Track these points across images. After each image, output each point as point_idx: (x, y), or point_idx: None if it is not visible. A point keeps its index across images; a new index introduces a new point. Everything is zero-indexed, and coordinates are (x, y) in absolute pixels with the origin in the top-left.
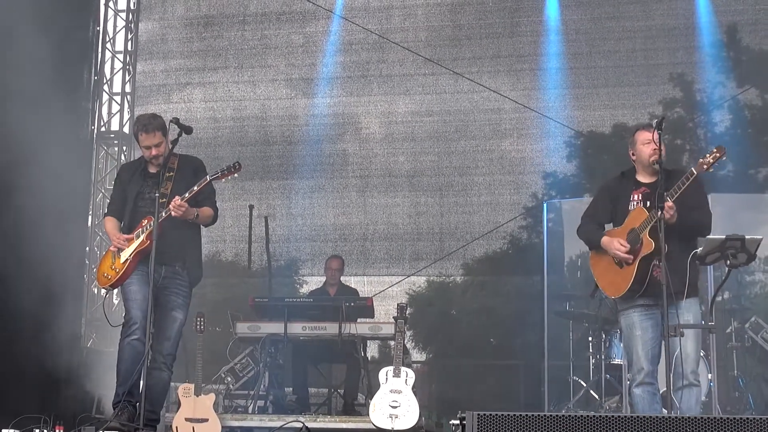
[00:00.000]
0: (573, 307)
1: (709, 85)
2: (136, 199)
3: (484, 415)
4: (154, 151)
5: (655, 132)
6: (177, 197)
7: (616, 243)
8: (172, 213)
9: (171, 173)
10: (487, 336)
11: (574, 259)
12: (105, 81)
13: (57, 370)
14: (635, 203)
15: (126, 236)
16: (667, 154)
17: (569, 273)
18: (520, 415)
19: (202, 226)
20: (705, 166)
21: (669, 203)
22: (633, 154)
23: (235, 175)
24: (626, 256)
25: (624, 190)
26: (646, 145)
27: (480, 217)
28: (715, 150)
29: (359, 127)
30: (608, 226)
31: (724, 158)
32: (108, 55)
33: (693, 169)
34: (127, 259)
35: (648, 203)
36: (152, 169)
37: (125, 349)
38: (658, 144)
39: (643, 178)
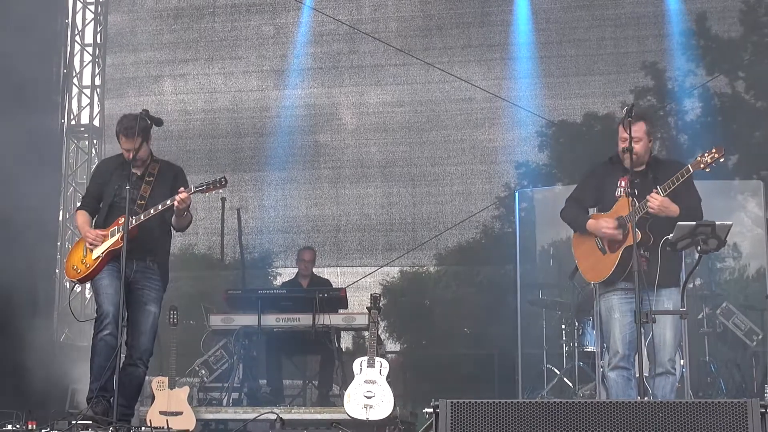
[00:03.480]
0: (546, 296)
1: (679, 73)
2: (114, 196)
3: (457, 402)
4: (132, 154)
5: (636, 125)
6: (183, 189)
7: (602, 222)
8: (176, 205)
9: (151, 178)
10: (461, 325)
11: (546, 248)
12: (74, 74)
13: (29, 364)
14: (622, 190)
15: (101, 232)
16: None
17: (541, 262)
18: (494, 402)
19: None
20: (702, 165)
21: (659, 198)
22: (617, 145)
23: (220, 190)
24: (614, 232)
25: (611, 175)
26: (621, 142)
27: (452, 206)
28: (714, 150)
29: (331, 118)
30: (591, 211)
31: (722, 160)
32: (77, 47)
33: (689, 166)
34: (99, 257)
35: (636, 191)
36: (136, 170)
37: (98, 345)
38: (629, 135)
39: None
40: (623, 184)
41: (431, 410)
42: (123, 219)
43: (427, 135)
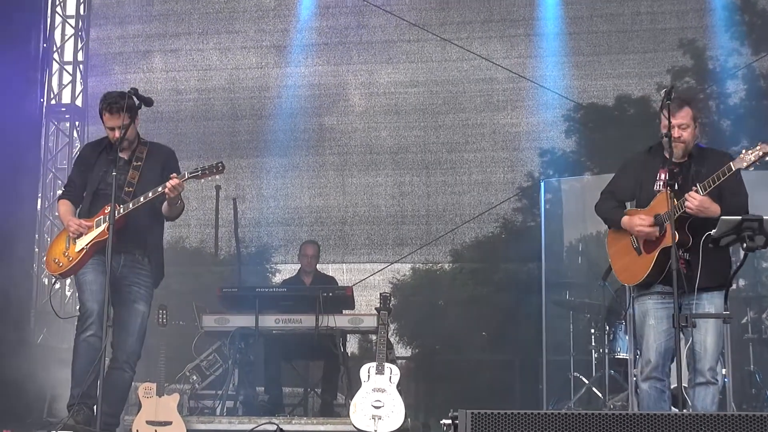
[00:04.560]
0: (573, 297)
1: (722, 51)
2: (99, 183)
3: (479, 413)
4: (117, 134)
5: (680, 111)
6: (175, 175)
7: (636, 219)
8: (167, 192)
9: (139, 162)
10: (479, 329)
11: (574, 244)
12: (55, 49)
13: (3, 368)
14: (661, 183)
15: (85, 221)
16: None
17: (569, 259)
18: (518, 413)
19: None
20: (745, 164)
21: (699, 197)
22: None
23: (217, 177)
24: (650, 229)
25: (650, 167)
26: (665, 129)
27: (470, 197)
28: (758, 147)
29: (337, 100)
30: (629, 206)
31: None
32: (58, 20)
33: (731, 164)
34: (83, 248)
35: (677, 185)
36: (123, 154)
37: (81, 346)
38: (668, 122)
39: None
40: (663, 177)
41: (449, 421)
42: (109, 208)
43: (443, 118)
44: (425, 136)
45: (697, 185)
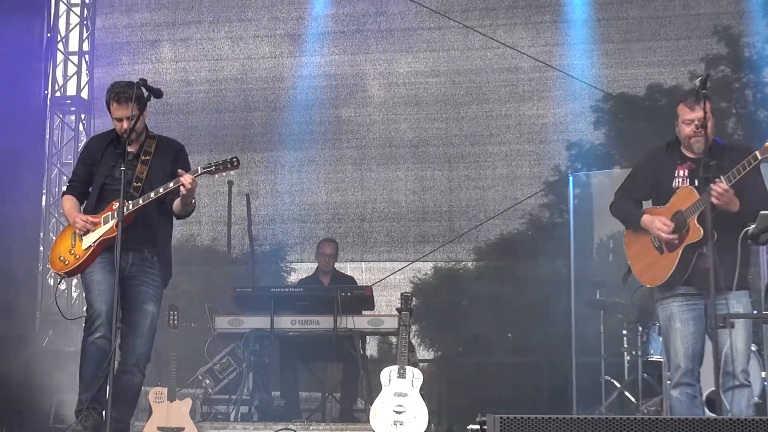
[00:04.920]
0: (604, 296)
1: (758, 38)
2: (106, 178)
3: (507, 418)
4: (125, 124)
5: (698, 105)
6: (188, 174)
7: (658, 222)
8: (182, 190)
9: (147, 156)
10: (504, 330)
11: (605, 241)
12: (59, 39)
13: (7, 372)
14: (681, 180)
15: (92, 218)
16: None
17: (599, 256)
18: (548, 418)
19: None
20: None
21: (724, 186)
22: (676, 126)
23: (232, 172)
24: (670, 237)
25: (668, 163)
26: (686, 125)
27: (495, 193)
28: None
29: (355, 90)
30: (646, 204)
31: None
32: (62, 8)
33: (757, 153)
34: (90, 246)
35: (696, 182)
36: (130, 148)
37: (89, 349)
38: (704, 112)
39: (689, 152)
40: (682, 173)
41: (477, 426)
42: (117, 204)
43: (466, 110)
44: (447, 129)
45: (721, 177)
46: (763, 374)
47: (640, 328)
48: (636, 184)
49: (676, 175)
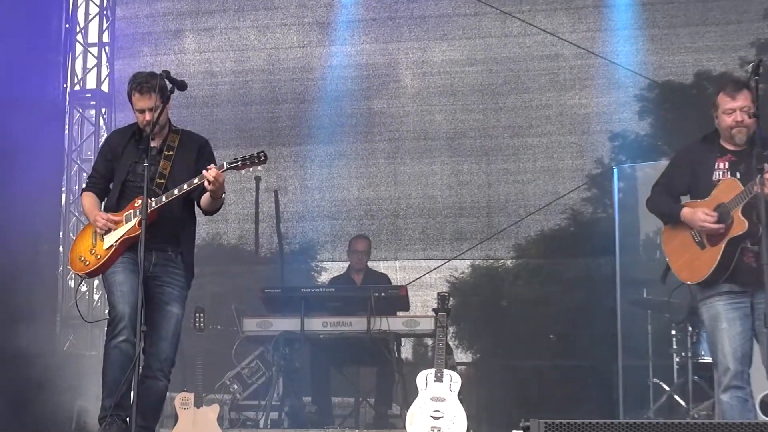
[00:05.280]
0: (652, 295)
1: None
2: (127, 174)
3: (553, 423)
4: (148, 116)
5: (740, 94)
6: (212, 166)
7: (700, 213)
8: (206, 185)
9: (171, 152)
10: (546, 331)
11: (652, 237)
12: (78, 30)
13: (28, 378)
14: (721, 173)
15: (113, 216)
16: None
17: (646, 253)
18: (594, 423)
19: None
20: None
21: None
22: (716, 118)
23: (259, 168)
24: (715, 226)
25: (706, 156)
26: (728, 115)
27: (535, 187)
28: None
29: (387, 81)
30: (684, 199)
31: None
32: None
33: None
34: (112, 246)
35: (738, 174)
36: (153, 143)
37: (112, 353)
38: (755, 101)
39: (729, 144)
40: (722, 165)
41: (521, 431)
42: (140, 201)
43: (504, 100)
44: (485, 120)
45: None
46: None
47: (690, 328)
48: (673, 178)
49: (715, 167)
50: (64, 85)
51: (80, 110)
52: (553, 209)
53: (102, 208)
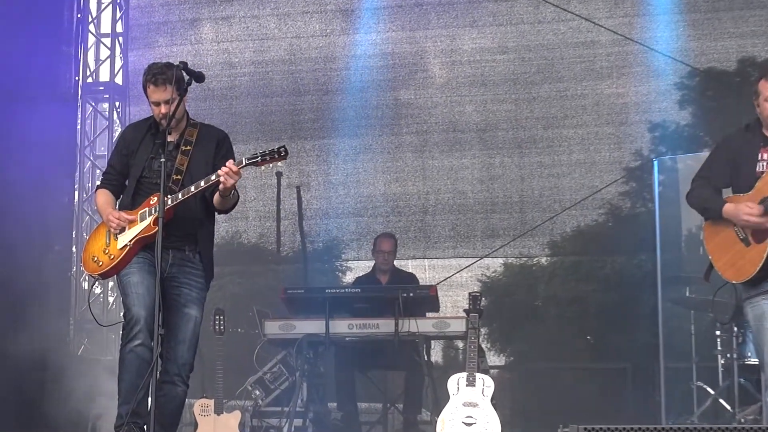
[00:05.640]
0: (695, 293)
1: None
2: (143, 170)
3: (591, 429)
4: (163, 109)
5: None
6: (231, 161)
7: (744, 207)
8: (222, 180)
9: (188, 147)
10: (583, 332)
11: (694, 232)
12: (90, 20)
13: (41, 385)
14: (765, 164)
15: (126, 214)
16: None
17: (688, 249)
18: (636, 428)
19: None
20: None
21: None
22: (757, 106)
23: (280, 163)
24: (760, 220)
25: (749, 147)
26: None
27: (570, 180)
28: None
29: (414, 70)
30: (726, 193)
31: None
32: None
33: None
34: (126, 245)
35: None
36: (170, 137)
37: (128, 358)
38: None
39: None
40: (766, 156)
41: None
42: (156, 198)
43: (538, 89)
44: (517, 111)
45: None
46: None
47: (735, 328)
48: (714, 170)
49: (759, 158)
50: (76, 78)
51: (93, 104)
52: (590, 204)
53: (117, 206)
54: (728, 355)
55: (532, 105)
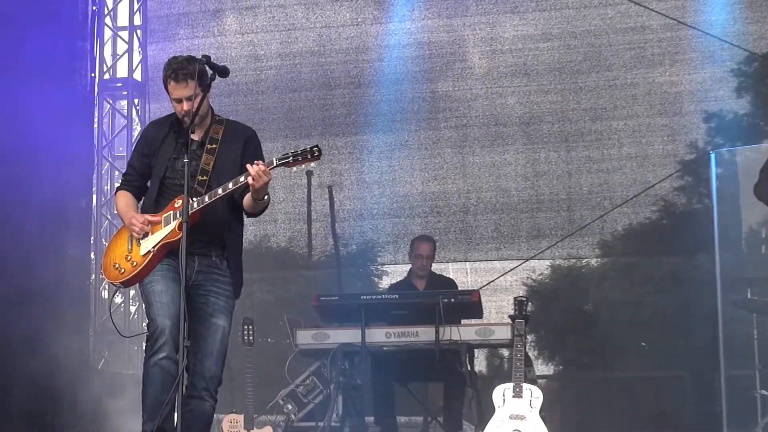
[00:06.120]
0: (757, 295)
1: None
2: (166, 170)
3: None
4: (186, 106)
5: None
6: (260, 162)
7: None
8: (251, 182)
9: (214, 145)
10: (637, 338)
11: (756, 229)
12: (106, 12)
13: (59, 401)
14: None
15: (150, 217)
16: None
17: (749, 248)
18: None
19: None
20: None
21: None
22: None
23: (312, 164)
24: None
25: None
26: None
27: (621, 176)
28: None
29: (452, 60)
30: None
31: None
32: None
33: None
34: (150, 251)
35: None
36: (194, 135)
37: (152, 372)
38: None
39: None
40: None
41: None
42: (181, 201)
43: (585, 79)
44: (563, 102)
45: None
46: None
47: None
48: None
49: None
50: (92, 74)
51: (110, 101)
52: (643, 201)
53: (139, 209)
54: None
55: (578, 96)
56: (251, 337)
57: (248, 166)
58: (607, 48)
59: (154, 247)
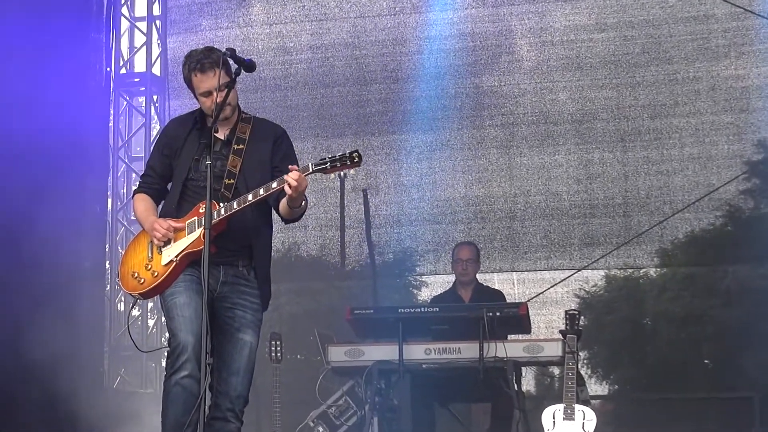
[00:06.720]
0: None
1: None
2: (189, 172)
3: None
4: (218, 97)
5: None
6: (294, 167)
7: None
8: (288, 190)
9: (241, 145)
10: (700, 355)
11: None
12: (123, 2)
13: (73, 421)
14: None
15: (174, 222)
16: None
17: None
18: None
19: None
20: None
21: None
22: None
23: (352, 171)
24: None
25: None
26: None
27: (683, 178)
28: None
29: (498, 53)
30: None
31: None
32: None
33: None
34: (172, 261)
35: None
36: (219, 134)
37: (173, 391)
38: None
39: None
40: None
41: None
42: (204, 206)
43: (643, 73)
44: (619, 98)
45: None
46: None
47: None
48: None
49: None
50: (108, 69)
51: (127, 98)
52: (706, 205)
53: (159, 214)
54: None
55: (636, 91)
56: (279, 354)
57: (286, 176)
58: (668, 39)
59: (177, 257)
